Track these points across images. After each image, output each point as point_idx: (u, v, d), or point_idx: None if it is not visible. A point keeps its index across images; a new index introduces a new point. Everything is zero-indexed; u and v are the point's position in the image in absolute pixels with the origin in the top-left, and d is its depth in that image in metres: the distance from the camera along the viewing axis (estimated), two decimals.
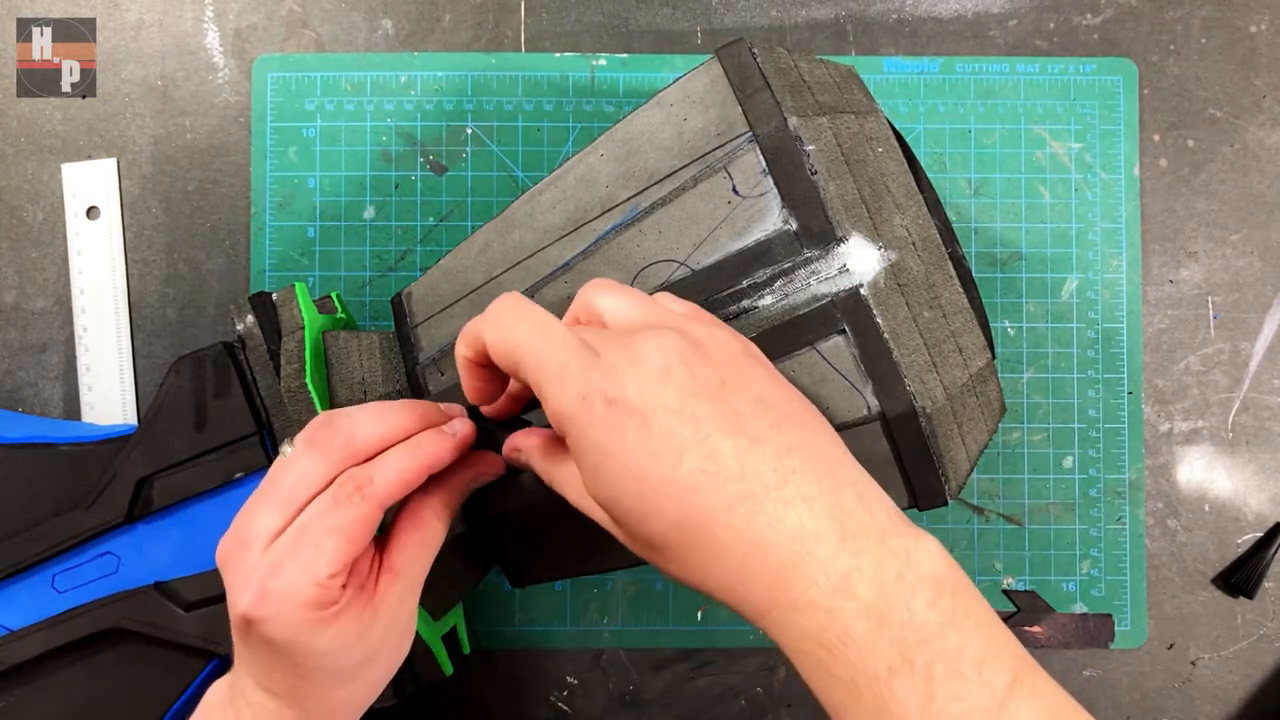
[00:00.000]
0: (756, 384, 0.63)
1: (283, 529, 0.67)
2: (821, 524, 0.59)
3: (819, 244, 0.70)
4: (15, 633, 0.86)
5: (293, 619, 0.66)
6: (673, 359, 0.62)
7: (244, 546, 0.67)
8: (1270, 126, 1.07)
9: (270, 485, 0.69)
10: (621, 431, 0.60)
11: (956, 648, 0.57)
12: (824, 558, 0.58)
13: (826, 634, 0.57)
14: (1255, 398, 1.06)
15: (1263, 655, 1.05)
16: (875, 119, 0.78)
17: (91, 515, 0.86)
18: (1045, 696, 0.58)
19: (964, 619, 0.58)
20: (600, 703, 1.04)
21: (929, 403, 0.71)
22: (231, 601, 0.68)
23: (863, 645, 0.57)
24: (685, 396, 0.61)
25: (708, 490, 0.59)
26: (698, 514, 0.59)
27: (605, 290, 0.68)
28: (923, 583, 0.58)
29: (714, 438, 0.60)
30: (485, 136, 1.05)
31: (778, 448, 0.61)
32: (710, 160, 0.74)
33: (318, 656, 0.67)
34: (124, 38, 1.05)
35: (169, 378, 0.87)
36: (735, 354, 0.64)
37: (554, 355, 0.62)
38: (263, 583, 0.66)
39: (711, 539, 0.59)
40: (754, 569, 0.59)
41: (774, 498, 0.59)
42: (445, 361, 0.82)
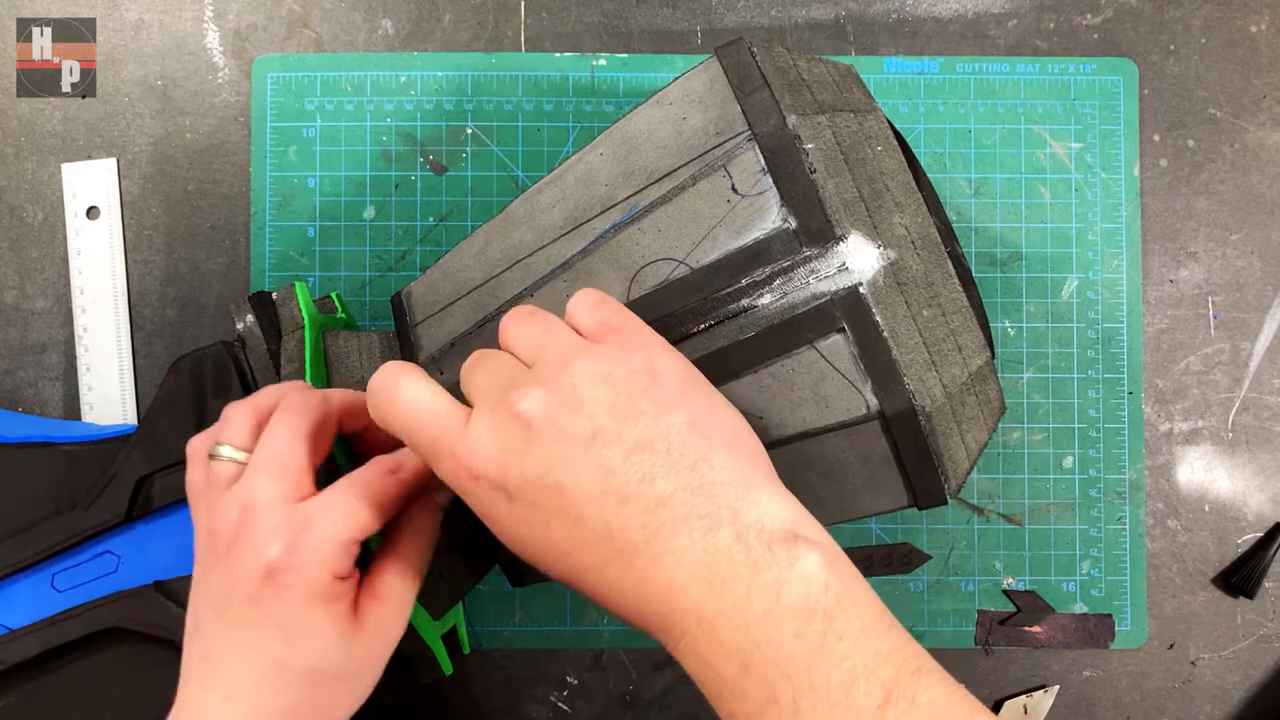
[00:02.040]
0: (640, 424, 0.63)
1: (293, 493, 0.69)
2: (688, 575, 0.60)
3: (818, 242, 0.70)
4: (15, 632, 0.86)
5: (314, 574, 0.67)
6: (536, 421, 0.62)
7: (256, 510, 0.68)
8: (1270, 126, 1.07)
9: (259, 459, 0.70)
10: (492, 504, 0.63)
11: (824, 677, 0.57)
12: (693, 608, 0.60)
13: (704, 677, 0.61)
14: (1255, 398, 1.06)
15: (1263, 655, 1.05)
16: (874, 117, 0.78)
17: (91, 515, 0.86)
18: (925, 707, 0.58)
19: (835, 643, 0.58)
20: (600, 703, 1.04)
21: (928, 401, 0.71)
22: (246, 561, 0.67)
23: (734, 688, 0.59)
24: (548, 465, 0.61)
25: (578, 554, 0.62)
26: (575, 574, 0.63)
27: (512, 323, 0.69)
28: (790, 614, 0.59)
29: (577, 504, 0.61)
30: (485, 136, 1.05)
31: (646, 503, 0.61)
32: (709, 159, 0.74)
33: (307, 640, 0.68)
34: (124, 38, 1.05)
35: (169, 377, 0.87)
36: (619, 391, 0.63)
37: (424, 434, 0.65)
38: (292, 534, 0.67)
39: (595, 593, 0.63)
40: (639, 619, 0.63)
41: (642, 554, 0.60)
42: (445, 360, 0.82)
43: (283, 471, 0.69)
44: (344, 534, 0.68)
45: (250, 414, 0.73)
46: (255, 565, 0.67)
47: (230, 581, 0.68)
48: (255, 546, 0.67)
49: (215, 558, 0.69)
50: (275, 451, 0.70)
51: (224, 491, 0.70)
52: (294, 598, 0.67)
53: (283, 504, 0.68)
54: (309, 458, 0.71)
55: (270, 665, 0.68)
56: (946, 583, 1.04)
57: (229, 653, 0.68)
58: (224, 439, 0.72)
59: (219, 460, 0.72)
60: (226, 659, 0.68)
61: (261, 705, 0.68)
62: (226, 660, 0.68)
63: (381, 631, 0.72)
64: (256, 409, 0.74)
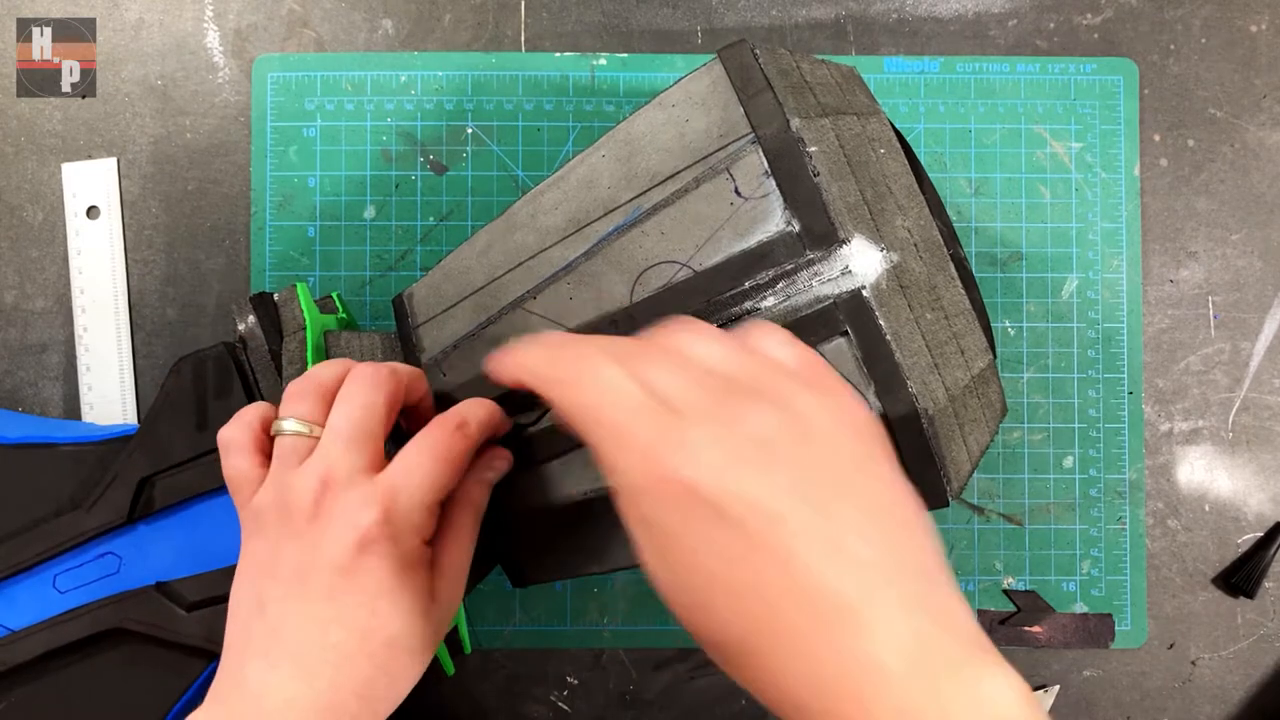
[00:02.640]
0: (859, 478, 0.58)
1: (372, 463, 0.69)
2: (895, 656, 0.52)
3: (821, 245, 0.70)
4: (16, 633, 0.86)
5: (407, 543, 0.68)
6: (768, 443, 0.56)
7: (339, 483, 0.68)
8: (1270, 126, 1.07)
9: (337, 429, 0.70)
10: (666, 516, 0.56)
11: None
12: (893, 693, 0.52)
13: None
14: (1255, 398, 1.06)
15: (1263, 655, 1.05)
16: (877, 120, 0.78)
17: (93, 515, 0.86)
18: None
19: None
20: (600, 703, 1.04)
21: (931, 404, 0.71)
22: (335, 534, 0.67)
23: None
24: (775, 493, 0.55)
25: (783, 608, 0.54)
26: (767, 629, 0.54)
27: (691, 334, 0.62)
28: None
29: (798, 549, 0.54)
30: (485, 136, 1.05)
31: (862, 562, 0.54)
32: (712, 161, 0.74)
33: (392, 611, 0.68)
34: (124, 37, 1.05)
35: (170, 378, 0.87)
36: (844, 436, 0.59)
37: (617, 421, 0.58)
38: (382, 503, 0.67)
39: (774, 658, 0.54)
40: (813, 696, 0.53)
41: (850, 623, 0.53)
42: (448, 362, 0.82)
43: (361, 442, 0.70)
44: (430, 496, 0.69)
45: (316, 388, 0.73)
46: (346, 536, 0.67)
47: (313, 554, 0.68)
48: (345, 518, 0.67)
49: (289, 533, 0.69)
50: (352, 422, 0.70)
51: (295, 466, 0.70)
52: (387, 566, 0.67)
53: (364, 474, 0.69)
54: (384, 428, 0.71)
55: (354, 638, 0.67)
56: None
57: (308, 627, 0.68)
58: (290, 412, 0.72)
59: (285, 436, 0.72)
60: (303, 634, 0.68)
61: (339, 680, 0.67)
62: (303, 635, 0.68)
63: (447, 605, 0.73)
64: (321, 383, 0.74)
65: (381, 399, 0.71)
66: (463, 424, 0.72)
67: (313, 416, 0.72)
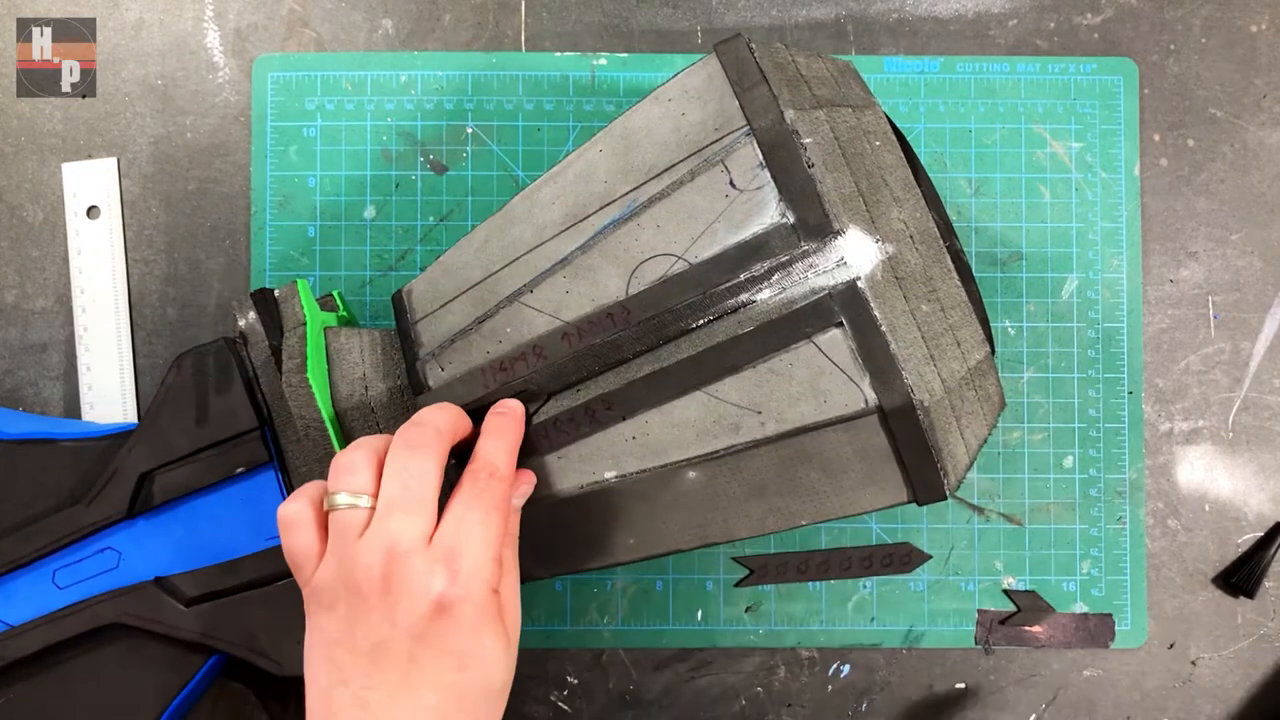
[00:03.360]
0: None
1: (432, 529, 0.70)
2: None
3: (816, 237, 0.70)
4: (16, 628, 0.86)
5: (481, 596, 0.69)
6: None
7: (405, 554, 0.69)
8: (1270, 126, 1.07)
9: (393, 499, 0.71)
10: None
11: None
12: None
13: None
14: (1255, 397, 1.06)
15: (1263, 655, 1.05)
16: (873, 113, 0.79)
17: (92, 510, 0.86)
18: None
19: None
20: (600, 703, 1.04)
21: (927, 395, 0.71)
22: (408, 604, 0.69)
23: None
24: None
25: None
26: None
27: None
28: None
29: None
30: (485, 136, 1.05)
31: None
32: (708, 154, 0.74)
33: (481, 660, 0.70)
34: (124, 37, 1.05)
35: (170, 373, 0.87)
36: None
37: None
38: (449, 566, 0.68)
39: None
40: None
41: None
42: (445, 357, 0.82)
43: (418, 508, 0.70)
44: (490, 548, 0.70)
45: (365, 458, 0.74)
46: (420, 604, 0.68)
47: (390, 627, 0.69)
48: (416, 586, 0.68)
49: (364, 608, 0.70)
50: (408, 491, 0.71)
51: (355, 540, 0.71)
52: (466, 624, 0.69)
53: (424, 541, 0.69)
54: (436, 490, 0.72)
55: (449, 696, 0.69)
56: (947, 582, 1.04)
57: (399, 695, 0.69)
58: (341, 486, 0.73)
59: (341, 510, 0.72)
60: (394, 700, 0.69)
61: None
62: (395, 702, 0.69)
63: (516, 635, 0.74)
64: (373, 452, 0.74)
65: (432, 465, 0.72)
66: (493, 470, 0.73)
67: (364, 488, 0.72)
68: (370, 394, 0.87)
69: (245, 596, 0.86)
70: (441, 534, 0.70)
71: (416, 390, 0.84)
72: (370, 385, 0.87)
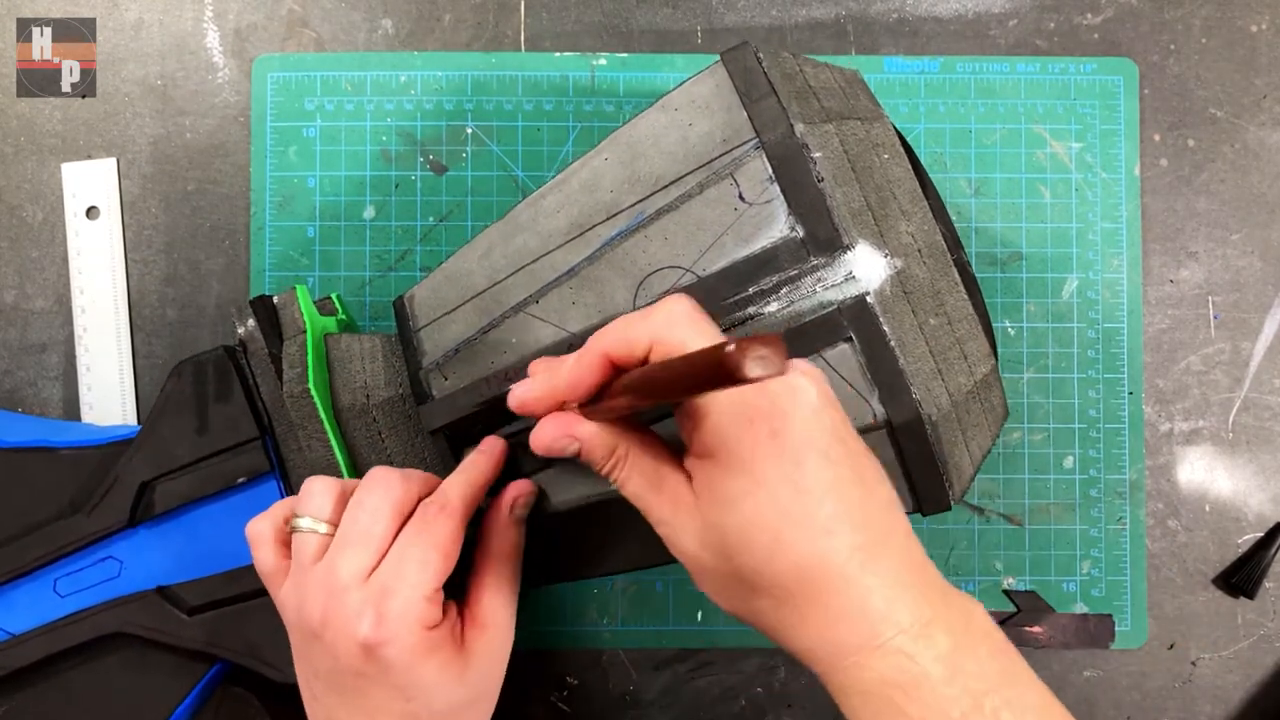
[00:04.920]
0: (855, 434, 0.65)
1: (374, 565, 0.70)
2: (912, 576, 0.63)
3: (825, 251, 0.70)
4: (17, 637, 0.86)
5: (410, 638, 0.69)
6: (821, 396, 0.63)
7: (340, 591, 0.70)
8: (1271, 126, 1.07)
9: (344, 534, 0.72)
10: (779, 464, 0.61)
11: (1020, 697, 0.62)
12: (911, 607, 0.62)
13: (905, 676, 0.60)
14: (1256, 398, 1.06)
15: (1263, 655, 1.05)
16: (881, 125, 0.78)
17: (93, 519, 0.86)
18: None
19: (1019, 673, 0.64)
20: (600, 703, 1.04)
21: (934, 410, 0.71)
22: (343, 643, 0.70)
23: (938, 689, 0.60)
24: (830, 440, 0.62)
25: (839, 533, 0.61)
26: (824, 556, 0.61)
27: (692, 330, 0.64)
28: (985, 637, 0.64)
29: (847, 484, 0.62)
30: (485, 136, 1.05)
31: (882, 499, 0.64)
32: (716, 166, 0.74)
33: (425, 691, 0.70)
34: (124, 37, 1.05)
35: (170, 381, 0.87)
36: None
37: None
38: (377, 607, 0.69)
39: (824, 582, 0.61)
40: (852, 614, 0.61)
41: (881, 547, 0.62)
42: (449, 367, 0.82)
43: (365, 545, 0.71)
44: (425, 588, 0.70)
45: (334, 486, 0.75)
46: (351, 644, 0.69)
47: (333, 660, 0.70)
48: (346, 628, 0.69)
49: (312, 639, 0.71)
50: (360, 526, 0.71)
51: (309, 566, 0.72)
52: (399, 663, 0.69)
53: (363, 578, 0.70)
54: (391, 531, 0.72)
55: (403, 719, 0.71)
56: None
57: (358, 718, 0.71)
58: (305, 510, 0.74)
59: (301, 533, 0.73)
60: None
61: None
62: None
63: (490, 655, 0.75)
64: (341, 484, 0.75)
65: (390, 503, 0.72)
66: (444, 505, 0.73)
67: (326, 514, 0.73)
68: (372, 402, 0.87)
69: (247, 605, 0.86)
70: (379, 572, 0.70)
71: (419, 399, 0.83)
72: (372, 394, 0.87)
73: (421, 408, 0.83)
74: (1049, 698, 0.64)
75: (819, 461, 0.61)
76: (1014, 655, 0.64)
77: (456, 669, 0.72)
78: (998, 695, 0.61)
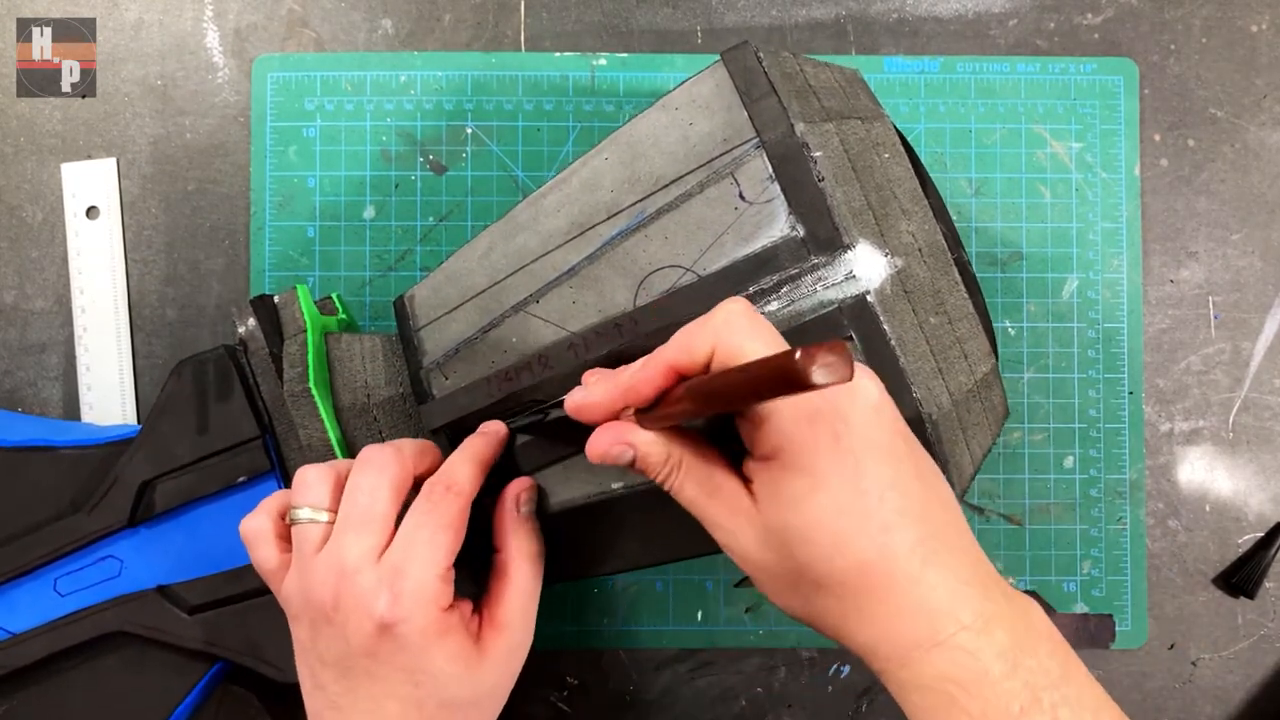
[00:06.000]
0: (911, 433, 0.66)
1: (382, 545, 0.71)
2: (972, 573, 0.64)
3: (826, 251, 0.70)
4: (17, 636, 0.86)
5: (424, 618, 0.69)
6: (881, 398, 0.64)
7: (352, 573, 0.70)
8: (1271, 126, 1.07)
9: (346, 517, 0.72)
10: (841, 464, 0.62)
11: (1077, 694, 0.62)
12: (972, 603, 0.62)
13: (965, 673, 0.61)
14: (1256, 398, 1.06)
15: (1263, 655, 1.05)
16: (881, 124, 0.78)
17: (94, 519, 0.86)
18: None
19: (1076, 672, 0.64)
20: (600, 703, 1.04)
21: (935, 409, 0.71)
22: (355, 622, 0.70)
23: (998, 684, 0.61)
24: (891, 438, 0.63)
25: (900, 530, 0.62)
26: (886, 552, 0.62)
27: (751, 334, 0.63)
28: (1043, 635, 0.64)
29: (908, 481, 0.63)
30: (485, 136, 1.05)
31: (941, 496, 0.65)
32: (716, 166, 0.74)
33: (434, 677, 0.70)
34: (124, 37, 1.05)
35: (170, 381, 0.87)
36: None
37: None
38: (392, 586, 0.69)
39: (887, 579, 0.62)
40: (913, 610, 0.62)
41: (942, 544, 0.63)
42: (450, 366, 0.82)
43: (369, 526, 0.71)
44: (437, 567, 0.70)
45: (328, 473, 0.75)
46: (366, 624, 0.69)
47: (345, 643, 0.70)
48: (360, 608, 0.69)
49: (322, 623, 0.71)
50: (361, 508, 0.72)
51: (313, 556, 0.72)
52: (412, 642, 0.69)
53: (372, 559, 0.70)
54: (393, 509, 0.72)
55: (408, 707, 0.71)
56: None
57: (362, 704, 0.71)
58: (303, 501, 0.74)
59: (301, 524, 0.73)
60: (359, 710, 0.71)
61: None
62: (360, 711, 0.71)
63: (505, 657, 0.75)
64: (333, 468, 0.75)
65: (386, 481, 0.73)
66: (450, 484, 0.73)
67: (325, 502, 0.74)
68: (372, 401, 0.87)
69: (247, 605, 0.86)
70: (390, 552, 0.70)
71: (420, 399, 0.83)
72: (373, 393, 0.87)
73: (422, 407, 0.83)
74: (1104, 697, 0.64)
75: (880, 459, 0.62)
76: (1071, 655, 0.65)
77: (467, 662, 0.72)
78: (1056, 692, 0.61)
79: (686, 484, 0.67)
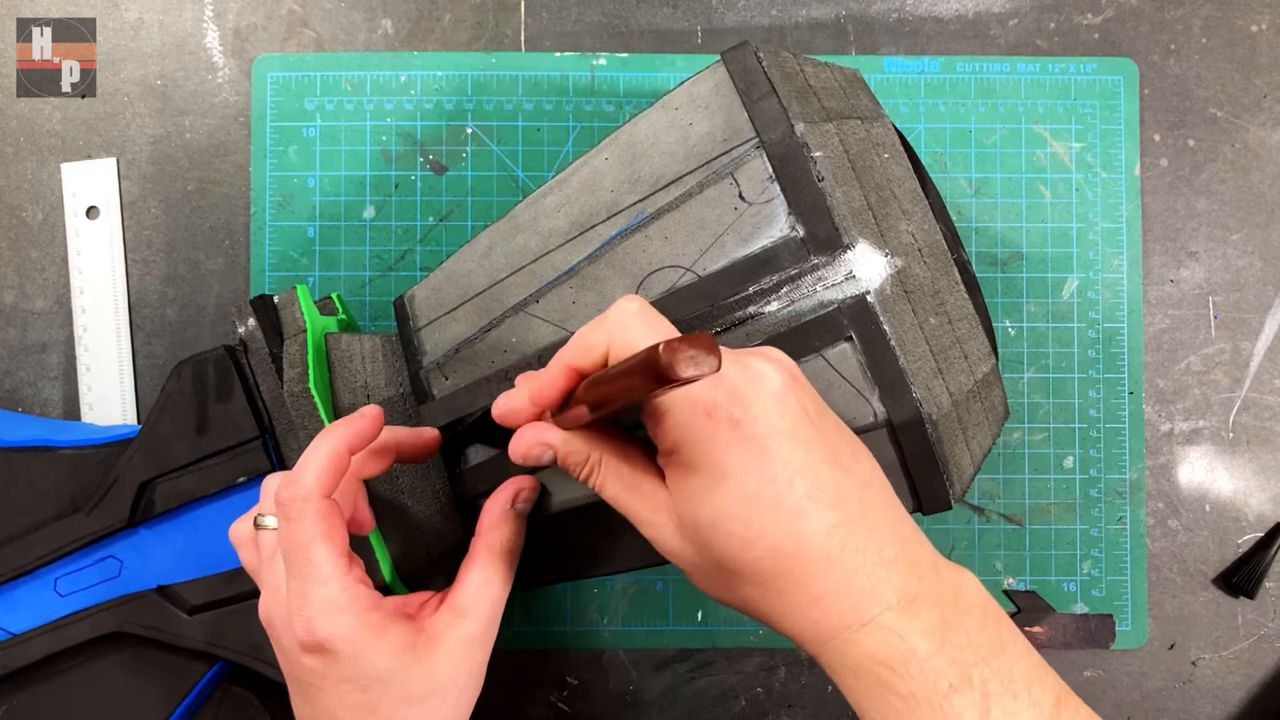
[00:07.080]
0: (831, 414, 0.66)
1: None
2: (898, 552, 0.63)
3: (826, 251, 0.70)
4: (17, 636, 0.86)
5: (349, 627, 0.68)
6: (785, 382, 0.63)
7: (274, 591, 0.71)
8: (1271, 126, 1.07)
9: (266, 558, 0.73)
10: (742, 453, 0.62)
11: (1008, 667, 0.62)
12: (896, 583, 0.62)
13: (892, 653, 0.61)
14: (1256, 398, 1.06)
15: (1263, 655, 1.05)
16: (881, 124, 0.78)
17: (94, 519, 0.86)
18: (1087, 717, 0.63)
19: (1010, 642, 0.63)
20: (600, 703, 1.04)
21: (935, 409, 0.71)
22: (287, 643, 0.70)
23: (925, 663, 0.60)
24: (797, 421, 0.62)
25: (812, 515, 0.62)
26: (799, 539, 0.61)
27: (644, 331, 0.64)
28: (974, 609, 0.63)
29: (818, 464, 0.62)
30: (485, 136, 1.05)
31: (860, 477, 0.64)
32: (717, 166, 0.74)
33: (381, 679, 0.69)
34: (124, 37, 1.05)
35: (170, 381, 0.87)
36: (809, 382, 0.66)
37: None
38: (300, 612, 0.68)
39: (804, 565, 0.62)
40: (835, 594, 0.62)
41: (860, 525, 0.63)
42: (450, 366, 0.82)
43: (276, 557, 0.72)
44: (331, 579, 0.69)
45: None
46: (295, 649, 0.69)
47: (289, 663, 0.71)
48: (288, 631, 0.69)
49: (273, 640, 0.72)
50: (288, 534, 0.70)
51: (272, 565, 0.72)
52: (345, 654, 0.69)
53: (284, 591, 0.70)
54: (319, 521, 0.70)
55: (360, 713, 0.70)
56: None
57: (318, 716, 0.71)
58: (266, 509, 0.74)
59: (265, 530, 0.74)
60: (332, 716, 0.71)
61: None
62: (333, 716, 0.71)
63: (464, 645, 0.74)
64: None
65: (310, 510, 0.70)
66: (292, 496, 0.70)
67: None
68: (372, 401, 0.87)
69: (247, 605, 0.86)
70: (288, 578, 0.70)
71: (420, 399, 0.83)
72: (372, 393, 0.87)
73: (422, 407, 0.83)
74: (1041, 667, 0.64)
75: (786, 444, 0.61)
76: (1006, 624, 0.64)
77: (416, 654, 0.71)
78: (987, 666, 0.61)
79: (608, 481, 0.68)
